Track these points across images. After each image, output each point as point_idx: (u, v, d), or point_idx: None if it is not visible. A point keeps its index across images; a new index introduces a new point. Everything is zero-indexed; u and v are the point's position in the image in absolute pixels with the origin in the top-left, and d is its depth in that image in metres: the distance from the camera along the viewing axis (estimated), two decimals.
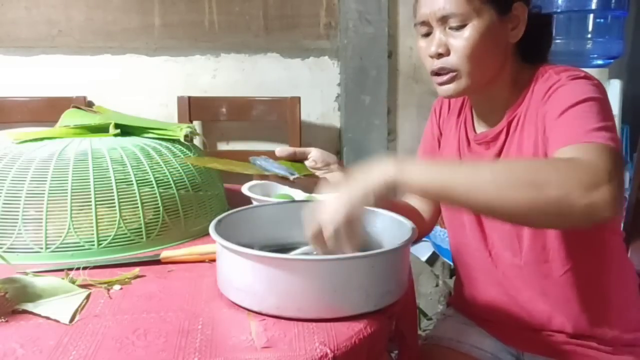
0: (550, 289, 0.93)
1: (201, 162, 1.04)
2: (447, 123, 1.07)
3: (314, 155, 0.97)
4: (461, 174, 0.69)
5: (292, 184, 0.91)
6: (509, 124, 0.92)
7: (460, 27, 0.86)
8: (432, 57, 0.89)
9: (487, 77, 0.90)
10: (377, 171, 0.70)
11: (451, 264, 1.93)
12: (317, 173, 0.96)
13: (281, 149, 0.96)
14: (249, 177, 0.94)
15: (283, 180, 0.91)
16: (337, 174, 0.97)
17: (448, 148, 1.04)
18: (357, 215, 0.70)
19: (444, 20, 0.86)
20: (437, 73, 0.89)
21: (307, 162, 0.97)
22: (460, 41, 0.86)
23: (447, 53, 0.88)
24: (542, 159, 0.84)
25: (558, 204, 0.65)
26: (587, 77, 0.85)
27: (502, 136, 0.93)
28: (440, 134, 1.09)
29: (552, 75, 0.87)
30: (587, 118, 0.77)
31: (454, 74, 0.88)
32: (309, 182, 0.94)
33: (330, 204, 0.70)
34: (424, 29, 0.90)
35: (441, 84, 0.90)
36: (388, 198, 0.73)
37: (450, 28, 0.87)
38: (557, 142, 0.78)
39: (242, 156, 0.96)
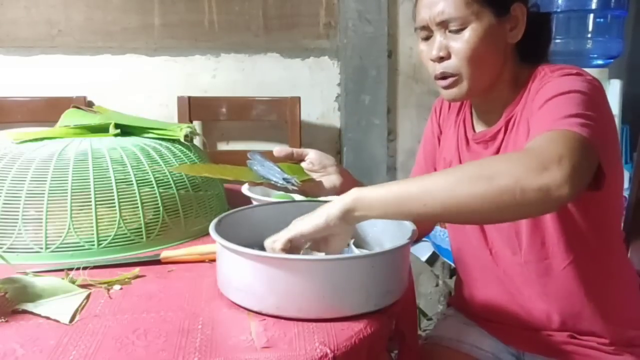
0: (551, 287, 0.93)
1: (193, 171, 1.02)
2: (447, 121, 1.07)
3: (312, 157, 0.96)
4: (414, 184, 0.70)
5: (287, 190, 0.91)
6: (507, 123, 0.92)
7: (460, 30, 0.86)
8: (433, 60, 0.89)
9: (488, 78, 0.90)
10: (335, 203, 0.71)
11: (451, 264, 1.93)
12: (314, 176, 0.95)
13: (279, 149, 0.95)
14: None
15: (277, 187, 0.90)
16: (334, 176, 0.96)
17: (447, 147, 1.04)
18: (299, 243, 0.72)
19: (443, 24, 0.87)
20: (440, 77, 0.90)
21: (304, 164, 0.96)
22: (461, 44, 0.86)
23: (448, 56, 0.88)
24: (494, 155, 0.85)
25: (510, 192, 0.65)
26: (580, 73, 0.85)
27: (500, 135, 0.93)
28: (441, 132, 1.09)
29: (548, 73, 0.87)
30: (561, 108, 0.77)
31: (456, 77, 0.88)
32: (306, 186, 0.93)
33: (281, 234, 0.72)
34: (424, 33, 0.91)
35: (445, 87, 0.90)
36: (349, 224, 0.73)
37: (450, 31, 0.87)
38: (531, 134, 0.78)
39: (242, 156, 0.95)
